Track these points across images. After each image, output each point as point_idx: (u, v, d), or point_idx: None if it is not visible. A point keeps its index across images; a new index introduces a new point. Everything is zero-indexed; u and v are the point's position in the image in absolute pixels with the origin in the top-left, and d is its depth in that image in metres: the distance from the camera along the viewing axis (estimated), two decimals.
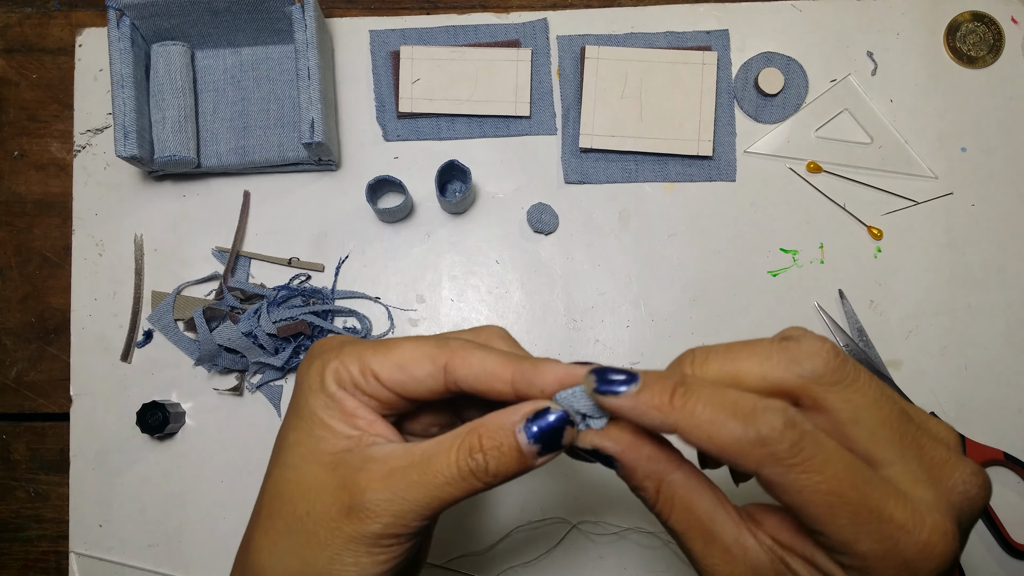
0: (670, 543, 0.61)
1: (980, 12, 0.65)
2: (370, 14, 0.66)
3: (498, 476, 0.32)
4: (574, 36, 0.65)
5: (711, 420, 0.29)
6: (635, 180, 0.64)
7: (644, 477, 0.32)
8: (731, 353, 0.32)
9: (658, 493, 0.32)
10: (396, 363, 0.34)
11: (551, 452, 0.32)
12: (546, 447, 0.32)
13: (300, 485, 0.34)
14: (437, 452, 0.32)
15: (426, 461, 0.32)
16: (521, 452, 0.32)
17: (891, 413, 0.30)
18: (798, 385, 0.30)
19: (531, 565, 0.62)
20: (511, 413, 0.32)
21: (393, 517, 0.32)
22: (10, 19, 0.66)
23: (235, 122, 0.63)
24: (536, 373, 0.32)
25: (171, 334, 0.62)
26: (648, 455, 0.32)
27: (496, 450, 0.32)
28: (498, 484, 0.33)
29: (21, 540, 0.63)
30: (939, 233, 0.64)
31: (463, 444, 0.32)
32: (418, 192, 0.64)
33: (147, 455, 0.62)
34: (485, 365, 0.33)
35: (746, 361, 0.31)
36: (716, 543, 0.31)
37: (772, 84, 0.64)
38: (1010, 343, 0.63)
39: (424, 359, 0.34)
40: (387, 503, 0.32)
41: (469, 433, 0.32)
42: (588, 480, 0.62)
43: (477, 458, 0.32)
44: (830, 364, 0.30)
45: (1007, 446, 0.62)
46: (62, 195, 0.65)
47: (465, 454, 0.32)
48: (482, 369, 0.33)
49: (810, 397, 0.30)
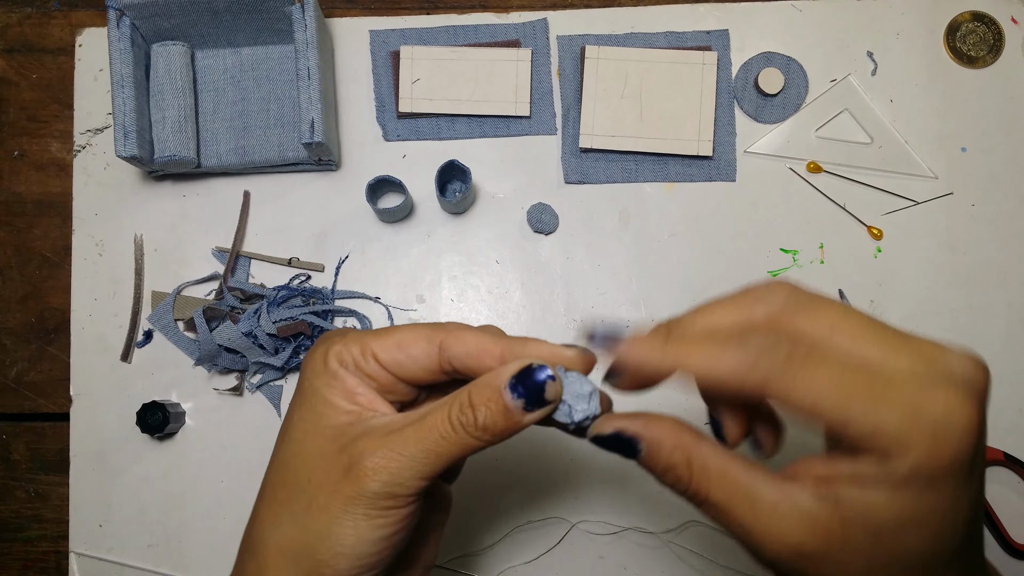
0: (670, 543, 0.61)
1: (980, 12, 0.65)
2: (370, 14, 0.66)
3: (487, 431, 0.33)
4: (574, 36, 0.65)
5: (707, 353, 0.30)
6: (635, 180, 0.64)
7: (672, 450, 0.32)
8: (700, 310, 0.33)
9: (690, 466, 0.32)
10: (394, 343, 0.36)
11: (536, 408, 0.33)
12: (530, 402, 0.33)
13: (303, 456, 0.35)
14: (431, 411, 0.34)
15: (421, 419, 0.34)
16: (508, 408, 0.33)
17: (865, 319, 0.31)
18: (770, 317, 0.31)
19: (531, 565, 0.62)
20: (499, 372, 0.34)
21: (390, 475, 0.33)
22: (10, 19, 0.66)
23: (235, 122, 0.63)
24: (524, 349, 0.35)
25: (171, 334, 0.62)
26: (670, 427, 0.33)
27: (484, 405, 0.33)
28: (491, 441, 0.34)
29: (21, 540, 0.63)
30: (939, 233, 0.64)
31: (455, 401, 0.34)
32: (418, 192, 0.64)
33: (147, 455, 0.62)
34: (478, 342, 0.35)
35: (716, 312, 0.33)
36: (763, 502, 0.31)
37: (772, 84, 0.64)
38: (1010, 343, 0.63)
39: (420, 339, 0.36)
40: (384, 460, 0.33)
41: (460, 391, 0.34)
42: (588, 480, 0.62)
43: (467, 412, 0.33)
44: (791, 292, 0.32)
45: (1007, 446, 0.62)
46: (62, 195, 0.65)
47: (456, 410, 0.33)
48: (475, 345, 0.35)
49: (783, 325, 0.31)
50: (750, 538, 0.31)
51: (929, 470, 0.28)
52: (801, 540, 0.30)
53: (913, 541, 0.30)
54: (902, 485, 0.28)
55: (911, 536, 0.29)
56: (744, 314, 0.32)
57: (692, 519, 0.61)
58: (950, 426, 0.28)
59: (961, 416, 0.28)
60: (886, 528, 0.29)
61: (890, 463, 0.28)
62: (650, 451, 0.33)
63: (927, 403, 0.28)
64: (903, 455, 0.28)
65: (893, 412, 0.28)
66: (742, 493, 0.31)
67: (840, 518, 0.30)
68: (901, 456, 0.28)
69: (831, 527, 0.30)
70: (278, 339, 0.61)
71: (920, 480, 0.28)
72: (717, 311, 0.33)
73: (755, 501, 0.31)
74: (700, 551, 0.61)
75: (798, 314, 0.31)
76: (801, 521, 0.30)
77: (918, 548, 0.30)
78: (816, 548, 0.30)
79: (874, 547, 0.30)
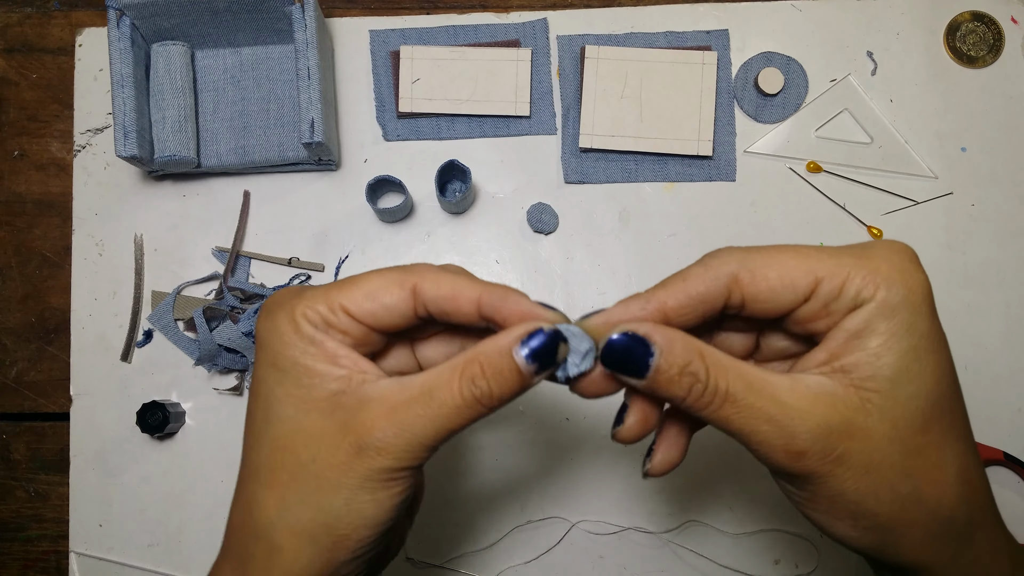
0: (670, 543, 0.61)
1: (980, 12, 0.65)
2: (370, 14, 0.66)
3: (502, 399, 0.33)
4: (574, 36, 0.65)
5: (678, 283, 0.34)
6: (635, 180, 0.64)
7: (684, 349, 0.32)
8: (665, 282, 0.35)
9: (705, 362, 0.32)
10: (364, 293, 0.34)
11: (548, 369, 0.33)
12: (543, 365, 0.33)
13: (300, 435, 0.34)
14: (438, 385, 0.33)
15: (428, 394, 0.33)
16: (520, 373, 0.33)
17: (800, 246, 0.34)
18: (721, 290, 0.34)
19: (531, 565, 0.62)
20: (505, 336, 0.33)
21: (404, 451, 0.33)
22: (10, 19, 0.66)
23: (235, 122, 0.63)
24: (504, 303, 0.34)
25: (171, 334, 0.62)
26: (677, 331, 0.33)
27: (498, 375, 0.33)
28: (500, 407, 0.34)
29: (21, 540, 0.63)
30: (939, 233, 0.64)
31: (464, 374, 0.33)
32: (418, 192, 0.64)
33: (147, 455, 0.62)
34: (454, 284, 0.34)
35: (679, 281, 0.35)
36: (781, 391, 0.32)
37: (772, 84, 0.64)
38: (1010, 343, 0.63)
39: (392, 285, 0.34)
40: (396, 438, 0.33)
41: (469, 362, 0.33)
42: (588, 480, 0.62)
43: (481, 384, 0.33)
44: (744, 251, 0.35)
45: (1007, 446, 0.62)
46: (62, 195, 0.65)
47: (468, 383, 0.33)
48: (451, 288, 0.34)
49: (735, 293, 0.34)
50: (776, 431, 0.32)
51: (907, 297, 0.32)
52: (826, 415, 0.31)
53: (918, 385, 0.32)
54: (890, 314, 0.32)
55: (915, 381, 0.32)
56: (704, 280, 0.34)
57: (692, 519, 0.61)
58: (907, 266, 0.32)
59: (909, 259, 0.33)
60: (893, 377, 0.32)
61: (862, 301, 0.32)
62: (663, 355, 0.32)
63: (879, 257, 0.32)
64: (886, 289, 0.32)
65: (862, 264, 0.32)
66: (760, 383, 0.32)
67: (853, 384, 0.32)
68: (883, 292, 0.32)
69: (849, 397, 0.32)
70: None
71: (905, 308, 0.32)
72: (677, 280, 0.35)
73: (774, 389, 0.32)
74: (700, 551, 0.61)
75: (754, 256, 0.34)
76: (820, 397, 0.32)
77: (925, 390, 0.32)
78: (842, 420, 0.32)
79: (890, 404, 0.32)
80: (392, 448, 0.33)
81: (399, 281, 0.34)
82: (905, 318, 0.32)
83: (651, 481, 0.62)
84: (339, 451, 0.33)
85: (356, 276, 0.35)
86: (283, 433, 0.35)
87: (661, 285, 0.34)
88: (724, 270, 0.33)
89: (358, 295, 0.34)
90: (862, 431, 0.32)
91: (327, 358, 0.34)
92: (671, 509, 0.62)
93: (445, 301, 0.34)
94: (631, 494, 0.62)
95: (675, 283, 0.34)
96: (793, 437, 0.31)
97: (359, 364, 0.35)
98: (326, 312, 0.34)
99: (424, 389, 0.33)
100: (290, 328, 0.34)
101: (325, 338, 0.34)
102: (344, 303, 0.34)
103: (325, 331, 0.34)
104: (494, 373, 0.33)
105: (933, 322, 0.33)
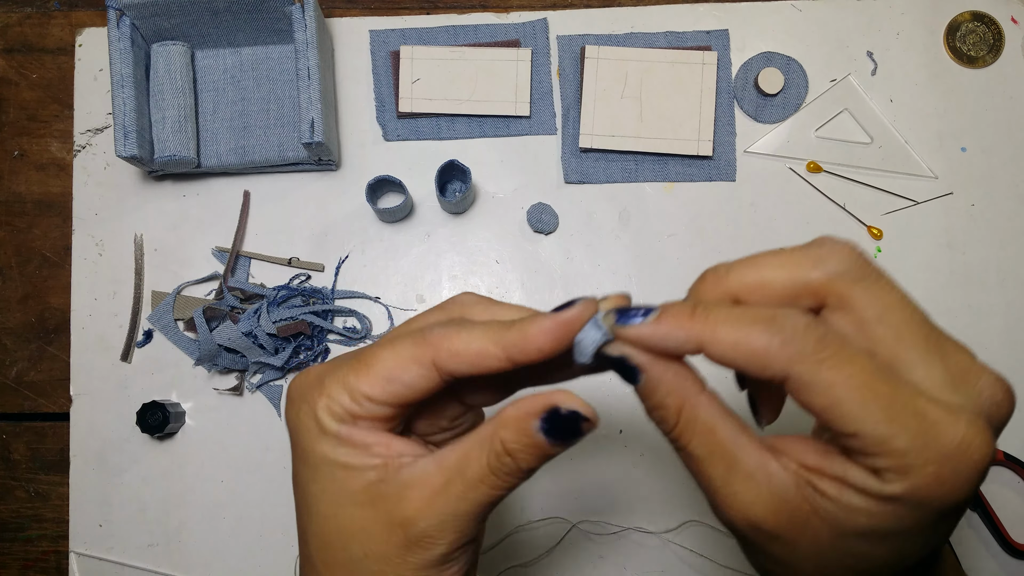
0: (670, 543, 0.61)
1: (980, 12, 0.65)
2: (370, 14, 0.66)
3: (532, 468, 0.32)
4: (574, 36, 0.65)
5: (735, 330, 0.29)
6: (635, 180, 0.64)
7: (667, 394, 0.31)
8: (755, 261, 0.31)
9: (680, 414, 0.31)
10: (383, 377, 0.32)
11: (572, 441, 0.32)
12: (567, 440, 0.32)
13: (344, 532, 0.33)
14: (467, 462, 0.32)
15: (461, 473, 0.32)
16: (543, 448, 0.32)
17: (915, 314, 0.30)
18: (824, 282, 0.30)
19: (531, 565, 0.62)
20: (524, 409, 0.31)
21: (453, 534, 0.32)
22: (10, 19, 0.66)
23: (235, 122, 0.63)
24: (526, 340, 0.31)
25: (171, 334, 0.62)
26: (675, 372, 0.31)
27: (522, 451, 0.32)
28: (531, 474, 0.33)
29: (21, 540, 0.63)
30: (939, 233, 0.64)
31: (491, 450, 0.32)
32: (418, 192, 0.64)
33: (147, 455, 0.62)
34: (472, 348, 0.32)
35: (771, 265, 0.31)
36: (739, 469, 0.30)
37: (772, 84, 0.64)
38: (1010, 343, 0.63)
39: (409, 363, 0.32)
40: (441, 525, 0.32)
41: (491, 437, 0.32)
42: (588, 480, 0.62)
43: (506, 461, 0.32)
44: (855, 260, 0.30)
45: (1007, 446, 0.62)
46: (62, 195, 0.65)
47: (495, 459, 0.32)
48: (471, 354, 0.32)
49: (836, 294, 0.30)
50: (715, 498, 0.31)
51: (921, 499, 0.27)
52: (763, 516, 0.30)
53: (876, 551, 0.29)
54: (888, 502, 0.28)
55: (876, 546, 0.29)
56: (799, 274, 0.31)
57: (692, 519, 0.61)
58: (959, 461, 0.27)
59: (973, 453, 0.27)
60: (855, 532, 0.29)
61: (884, 479, 0.27)
62: (647, 386, 0.31)
63: (944, 430, 0.27)
64: (901, 477, 0.27)
65: (906, 432, 0.27)
66: (722, 453, 0.30)
67: (811, 508, 0.29)
68: (899, 477, 0.27)
69: (798, 514, 0.29)
70: (278, 339, 0.61)
71: (908, 504, 0.28)
72: (772, 264, 0.31)
73: (733, 464, 0.30)
74: (700, 551, 0.61)
75: (855, 286, 0.30)
76: (771, 498, 0.30)
77: (878, 557, 0.30)
78: (775, 528, 0.30)
79: (833, 543, 0.29)
80: (441, 535, 0.32)
81: (416, 358, 0.32)
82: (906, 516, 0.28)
83: (651, 481, 0.62)
84: (389, 546, 0.33)
85: (368, 354, 0.33)
86: (326, 531, 0.34)
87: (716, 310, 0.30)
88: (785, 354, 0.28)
89: (376, 381, 0.32)
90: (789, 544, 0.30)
91: (358, 450, 0.33)
92: (671, 509, 0.62)
93: (471, 368, 0.32)
94: (631, 494, 0.62)
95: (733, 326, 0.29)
96: (719, 512, 0.31)
97: (392, 447, 0.33)
98: (349, 403, 0.33)
99: (457, 467, 0.32)
100: (314, 425, 0.33)
101: (352, 431, 0.33)
102: (365, 391, 0.32)
103: (352, 423, 0.33)
104: (517, 449, 0.31)
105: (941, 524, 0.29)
